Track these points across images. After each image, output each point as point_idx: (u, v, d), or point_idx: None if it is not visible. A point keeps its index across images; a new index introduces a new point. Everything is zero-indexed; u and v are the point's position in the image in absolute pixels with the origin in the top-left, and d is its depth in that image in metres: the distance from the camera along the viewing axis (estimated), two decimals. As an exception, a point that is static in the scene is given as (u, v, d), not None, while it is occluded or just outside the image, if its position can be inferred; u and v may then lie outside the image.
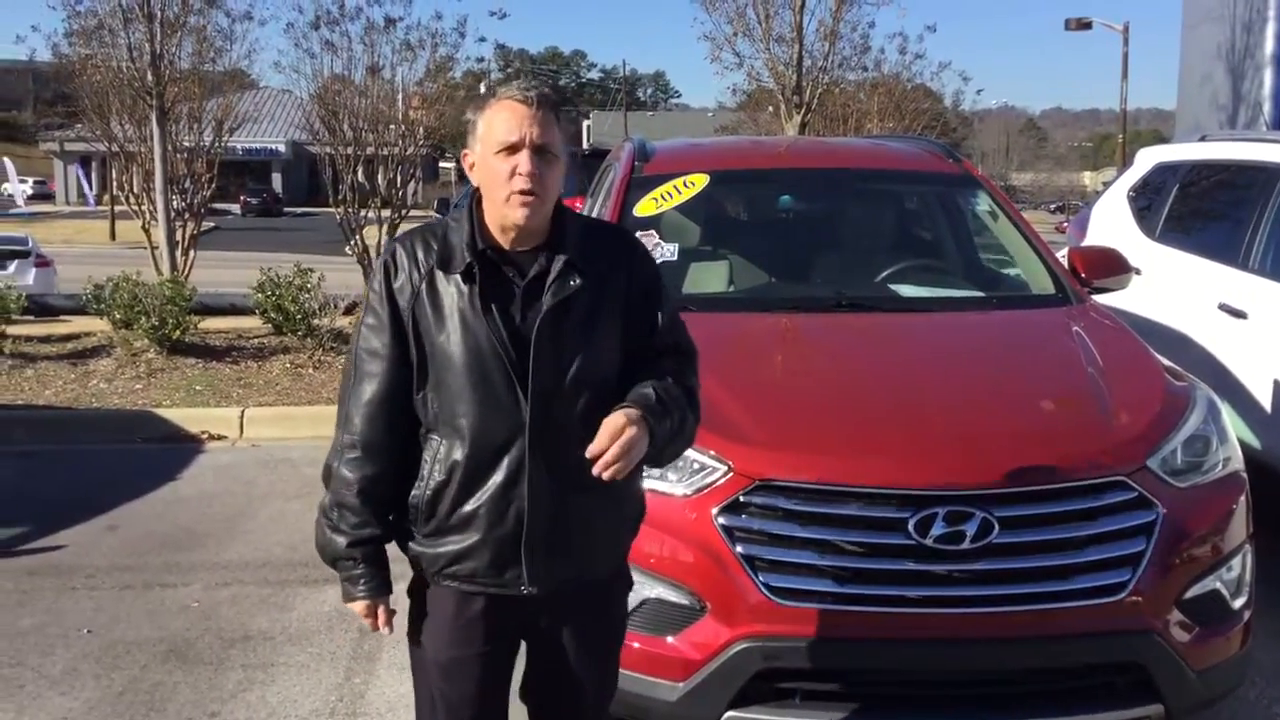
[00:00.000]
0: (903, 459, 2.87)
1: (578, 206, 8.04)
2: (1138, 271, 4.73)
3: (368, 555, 2.13)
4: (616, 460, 1.95)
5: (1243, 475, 3.19)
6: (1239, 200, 5.49)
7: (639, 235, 4.09)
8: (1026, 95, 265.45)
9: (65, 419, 7.24)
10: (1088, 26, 27.52)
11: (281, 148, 51.81)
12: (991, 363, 3.68)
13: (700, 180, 4.42)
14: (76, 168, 50.19)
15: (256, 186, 50.45)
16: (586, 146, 26.91)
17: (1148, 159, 6.71)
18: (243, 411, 7.27)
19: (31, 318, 9.79)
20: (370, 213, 11.30)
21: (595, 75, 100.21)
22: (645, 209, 4.30)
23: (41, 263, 17.98)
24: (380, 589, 2.16)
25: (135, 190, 13.08)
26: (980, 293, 4.35)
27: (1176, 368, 3.59)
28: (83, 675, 3.81)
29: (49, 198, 53.67)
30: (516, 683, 2.29)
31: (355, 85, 11.16)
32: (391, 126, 11.38)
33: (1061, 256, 4.47)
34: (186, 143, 12.41)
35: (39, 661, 3.91)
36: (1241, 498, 3.12)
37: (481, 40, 13.60)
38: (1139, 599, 2.79)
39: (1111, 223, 6.56)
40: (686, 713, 2.81)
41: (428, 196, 26.94)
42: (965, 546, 2.72)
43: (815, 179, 4.88)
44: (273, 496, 5.84)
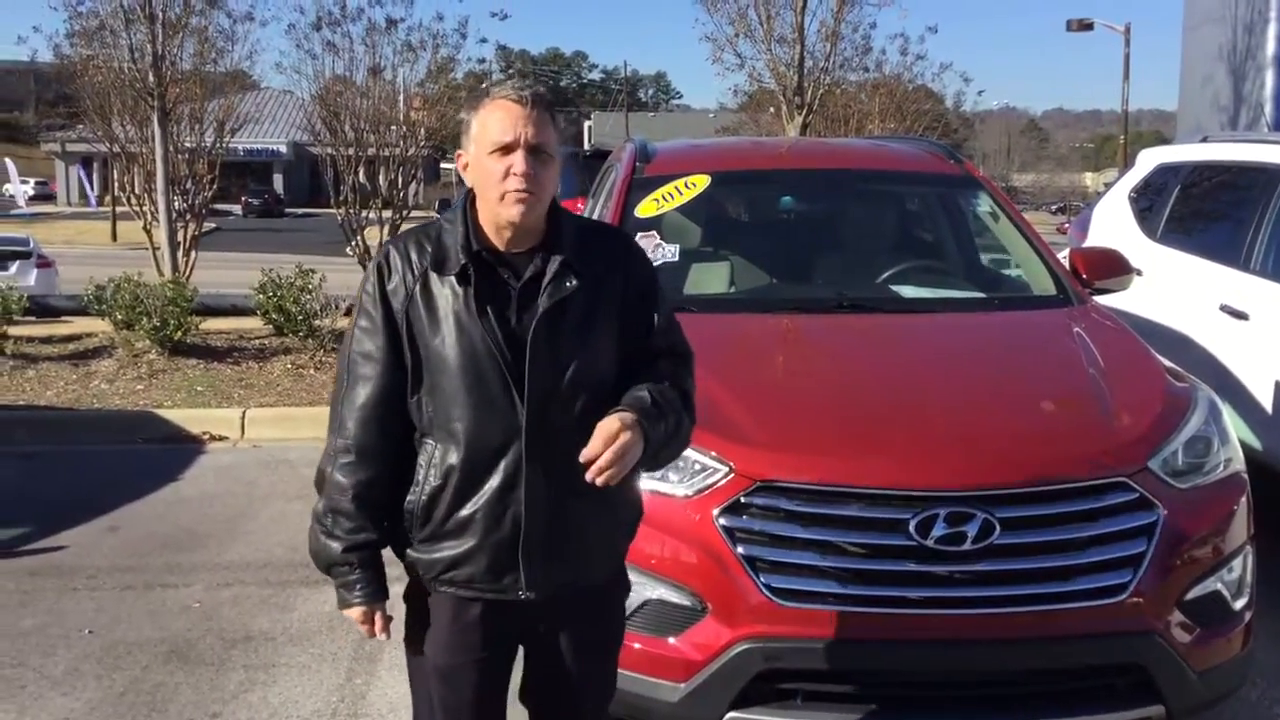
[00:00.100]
0: (904, 460, 2.87)
1: (579, 207, 8.03)
2: (1139, 272, 4.73)
3: (364, 560, 2.10)
4: (610, 466, 1.93)
5: (1244, 476, 3.19)
6: (1240, 201, 5.49)
7: (640, 236, 4.11)
8: (1028, 96, 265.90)
9: (67, 420, 7.24)
10: (1089, 27, 27.51)
11: (283, 149, 51.83)
12: (993, 364, 3.68)
13: (702, 181, 4.42)
14: (78, 168, 50.26)
15: (258, 187, 50.46)
16: (588, 147, 26.87)
17: (1149, 160, 6.71)
18: (244, 412, 7.28)
19: (33, 318, 9.79)
20: (371, 214, 11.31)
21: (596, 76, 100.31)
22: (647, 210, 4.30)
23: (43, 263, 18.02)
24: (377, 595, 2.13)
25: (137, 191, 13.10)
26: (981, 294, 4.36)
27: (1178, 369, 3.58)
28: (84, 676, 3.81)
29: (50, 198, 53.71)
30: (516, 685, 2.28)
31: (357, 86, 11.17)
32: (393, 127, 11.40)
33: (1063, 257, 4.46)
34: (188, 143, 12.44)
35: (40, 662, 3.91)
36: (1243, 499, 3.12)
37: (483, 41, 13.59)
38: (1140, 600, 2.79)
39: (1113, 224, 6.56)
40: (688, 713, 2.81)
41: (429, 197, 27.02)
42: (966, 547, 2.72)
43: (816, 180, 4.88)
44: (274, 497, 5.84)
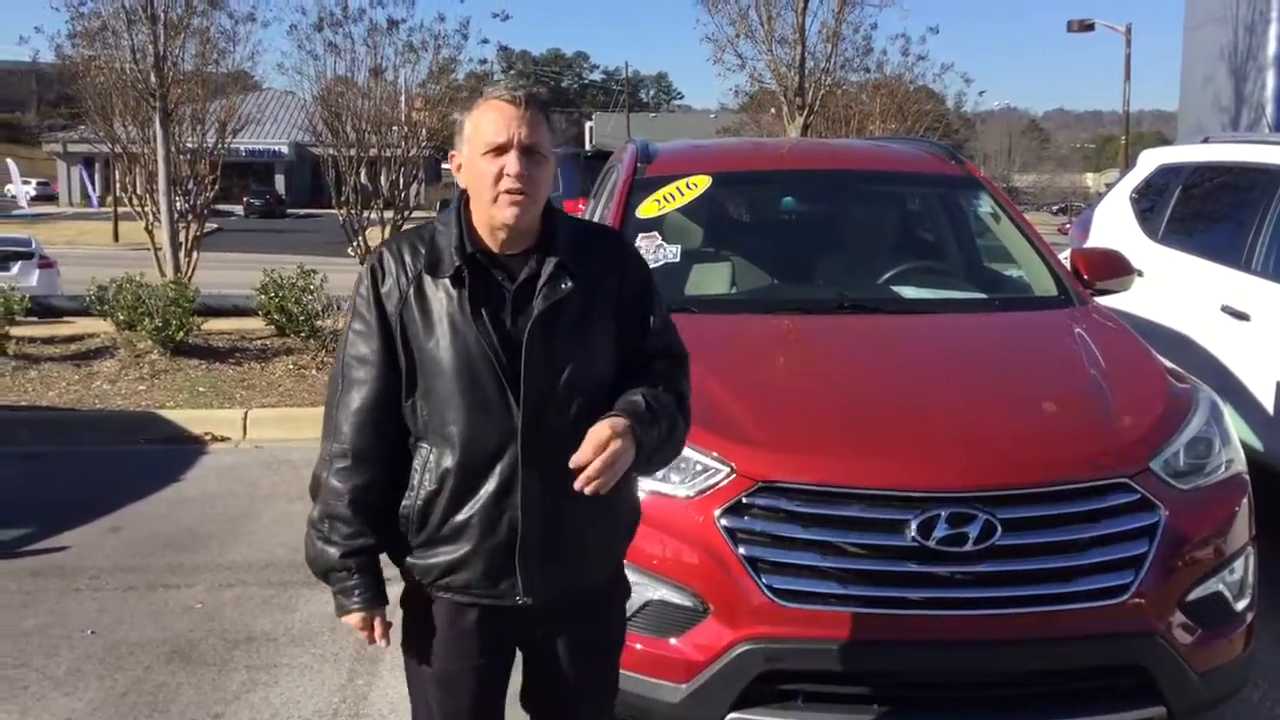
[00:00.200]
0: (905, 461, 2.87)
1: (580, 208, 8.03)
2: (1140, 273, 4.73)
3: (362, 566, 2.08)
4: (598, 475, 1.92)
5: (1245, 477, 3.19)
6: (1241, 202, 5.49)
7: (642, 237, 4.11)
8: (1029, 97, 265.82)
9: (69, 420, 7.25)
10: (1090, 28, 27.48)
11: (284, 149, 51.84)
12: (994, 364, 3.68)
13: (703, 182, 4.42)
14: (80, 169, 50.26)
15: (259, 188, 50.45)
16: (589, 148, 26.88)
17: (1150, 161, 6.71)
18: (246, 413, 7.28)
19: (35, 319, 9.82)
20: (373, 214, 11.32)
21: (598, 77, 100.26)
22: (648, 210, 4.30)
23: (45, 264, 18.03)
24: (375, 600, 2.10)
25: (139, 192, 13.10)
26: (983, 294, 4.35)
27: (1179, 369, 3.58)
28: (86, 676, 3.81)
29: (52, 199, 53.72)
30: (515, 687, 2.28)
31: (358, 87, 11.19)
32: (394, 128, 11.41)
33: (1064, 258, 4.46)
34: (190, 144, 12.44)
35: (43, 662, 3.92)
36: (1244, 500, 3.12)
37: (484, 42, 13.52)
38: (1141, 601, 2.79)
39: (1114, 224, 6.56)
40: (689, 714, 2.81)
41: (430, 198, 27.01)
42: (968, 548, 2.72)
43: (818, 181, 4.88)
44: (276, 498, 5.84)
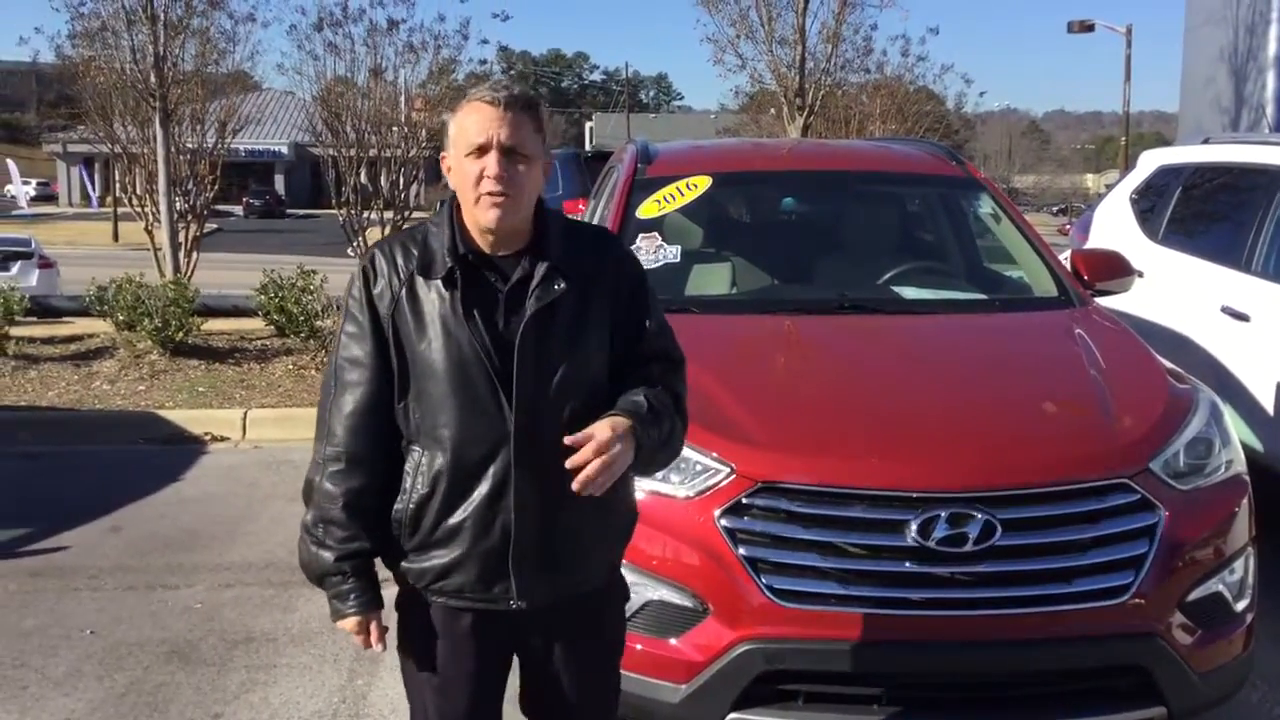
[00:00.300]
0: (905, 461, 2.87)
1: (580, 208, 8.03)
2: (1140, 274, 4.74)
3: (357, 569, 2.06)
4: (596, 476, 1.90)
5: (1245, 478, 3.19)
6: (1242, 203, 5.49)
7: (642, 237, 4.12)
8: (1029, 98, 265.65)
9: (68, 420, 7.25)
10: (1090, 29, 27.49)
11: (284, 149, 51.85)
12: (994, 365, 3.68)
13: (703, 182, 4.42)
14: (80, 169, 50.27)
15: (259, 188, 50.44)
16: (589, 149, 26.90)
17: (1150, 162, 6.71)
18: (245, 413, 7.28)
19: (35, 319, 9.82)
20: (373, 215, 11.31)
21: (598, 77, 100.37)
22: (648, 211, 4.30)
23: (44, 264, 18.03)
24: (371, 604, 2.08)
25: (138, 192, 13.09)
26: (983, 295, 4.36)
27: (1179, 370, 3.58)
28: (85, 676, 3.81)
29: (52, 199, 53.73)
30: (514, 690, 2.26)
31: (358, 87, 11.16)
32: (394, 128, 11.38)
33: (1064, 259, 4.47)
34: (189, 144, 12.43)
35: (42, 662, 3.91)
36: (1244, 500, 3.12)
37: (484, 42, 13.56)
38: (1141, 601, 2.79)
39: (1114, 225, 6.56)
40: (689, 714, 2.81)
41: (430, 199, 26.96)
42: (968, 549, 2.72)
43: (818, 181, 4.89)
44: (275, 498, 5.84)
